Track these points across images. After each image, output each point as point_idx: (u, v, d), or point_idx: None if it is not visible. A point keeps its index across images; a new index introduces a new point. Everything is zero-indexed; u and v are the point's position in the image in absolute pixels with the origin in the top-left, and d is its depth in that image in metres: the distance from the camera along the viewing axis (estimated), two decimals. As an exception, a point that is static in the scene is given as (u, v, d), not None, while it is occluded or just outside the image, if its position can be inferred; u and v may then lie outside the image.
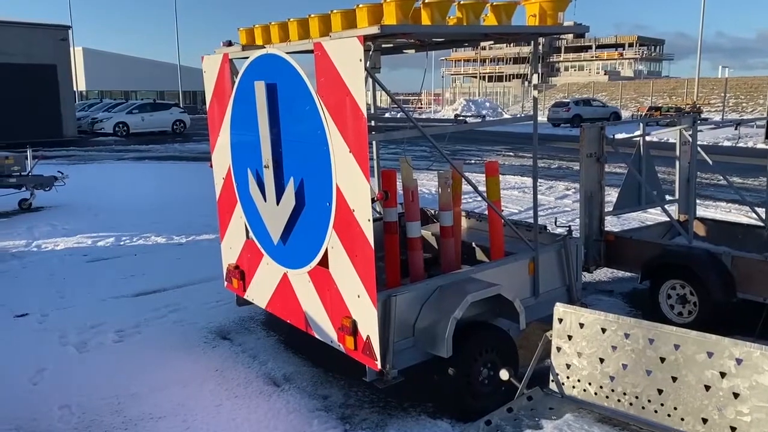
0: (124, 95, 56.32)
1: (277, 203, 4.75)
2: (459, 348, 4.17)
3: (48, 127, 29.05)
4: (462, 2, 4.33)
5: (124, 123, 32.26)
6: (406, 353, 4.24)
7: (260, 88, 4.64)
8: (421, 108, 59.40)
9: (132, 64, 61.57)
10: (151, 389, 4.79)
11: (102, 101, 42.04)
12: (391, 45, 5.57)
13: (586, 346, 3.21)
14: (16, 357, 5.38)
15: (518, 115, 45.69)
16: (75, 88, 34.76)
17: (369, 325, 4.06)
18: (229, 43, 5.28)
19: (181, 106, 40.57)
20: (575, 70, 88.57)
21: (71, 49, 33.40)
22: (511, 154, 22.33)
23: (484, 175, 5.35)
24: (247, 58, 4.90)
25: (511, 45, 65.84)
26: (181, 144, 27.74)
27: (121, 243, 9.47)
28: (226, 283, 5.85)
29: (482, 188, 5.18)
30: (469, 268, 4.87)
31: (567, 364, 3.27)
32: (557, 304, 3.35)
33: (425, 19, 4.20)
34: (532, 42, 5.21)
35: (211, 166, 5.77)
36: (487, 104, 52.28)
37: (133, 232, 10.00)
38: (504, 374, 3.32)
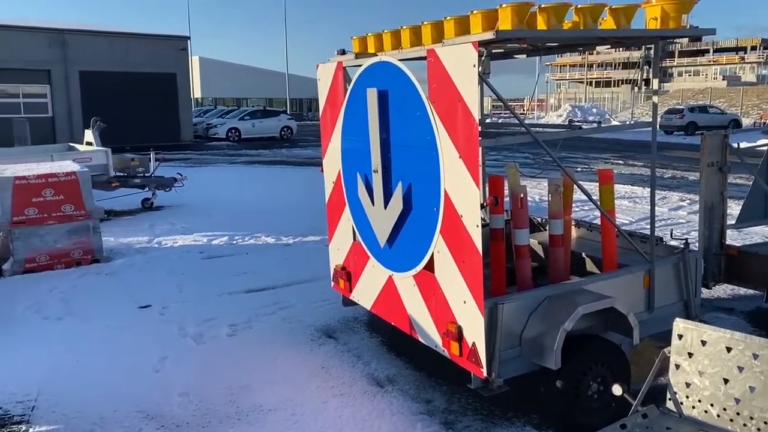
0: (236, 102, 59.17)
1: (385, 207, 4.83)
2: (568, 360, 4.06)
3: (167, 131, 31.13)
4: (579, 6, 4.24)
5: (236, 129, 33.94)
6: (512, 363, 4.18)
7: (372, 95, 4.75)
8: (524, 114, 58.27)
9: (244, 73, 64.58)
10: (261, 382, 5.01)
11: (216, 108, 44.40)
12: (502, 50, 5.53)
13: (708, 365, 3.03)
14: (140, 345, 5.79)
15: (627, 122, 43.78)
16: (192, 96, 36.95)
17: (475, 332, 4.04)
18: (343, 52, 5.45)
19: (289, 113, 42.17)
20: (690, 76, 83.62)
21: (189, 58, 35.55)
22: (620, 162, 21.43)
23: (593, 183, 5.19)
24: (360, 65, 5.03)
25: (621, 49, 63.22)
26: (288, 149, 28.79)
27: (234, 242, 9.97)
28: (332, 283, 6.02)
29: (594, 197, 5.02)
30: (580, 279, 4.74)
31: (686, 383, 3.11)
32: (677, 319, 3.20)
33: (541, 24, 4.14)
34: (651, 46, 4.99)
35: (322, 170, 5.96)
36: (594, 110, 50.50)
37: (244, 232, 10.50)
38: (617, 389, 3.20)
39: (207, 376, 5.14)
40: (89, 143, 13.54)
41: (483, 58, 4.02)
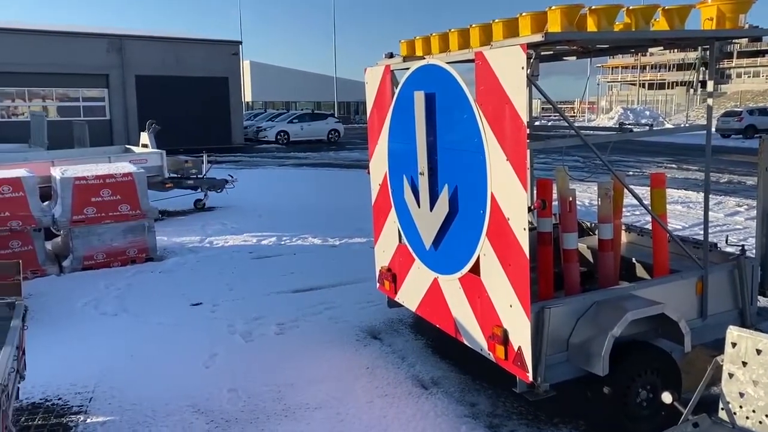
0: (285, 106, 60.04)
1: (431, 209, 4.86)
2: (616, 367, 4.00)
3: (219, 134, 31.87)
4: (631, 7, 4.17)
5: (285, 131, 34.49)
6: (559, 367, 4.14)
7: (419, 98, 4.78)
8: (574, 116, 57.25)
9: (293, 76, 65.48)
10: (308, 381, 5.09)
11: (266, 111, 45.17)
12: (551, 52, 5.48)
13: (763, 374, 2.95)
14: (192, 342, 5.96)
15: (682, 125, 42.54)
16: (243, 99, 37.72)
17: (521, 336, 4.02)
18: (391, 55, 5.49)
19: (336, 116, 42.58)
20: (749, 77, 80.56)
21: (241, 62, 36.30)
22: (673, 166, 20.85)
23: (644, 187, 5.08)
24: (408, 68, 5.07)
25: (675, 51, 61.43)
26: (335, 152, 29.07)
27: (282, 242, 10.14)
28: (378, 284, 6.07)
29: (645, 201, 4.92)
30: (629, 285, 4.66)
31: (740, 393, 3.03)
32: (731, 327, 3.12)
33: (591, 26, 4.10)
34: (708, 47, 4.87)
35: (368, 172, 6.02)
36: (647, 113, 49.23)
37: (292, 233, 10.67)
38: (666, 397, 3.14)
39: (255, 373, 5.25)
40: (145, 145, 13.98)
41: (532, 60, 4.01)
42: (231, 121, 33.42)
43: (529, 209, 4.22)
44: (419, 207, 5.01)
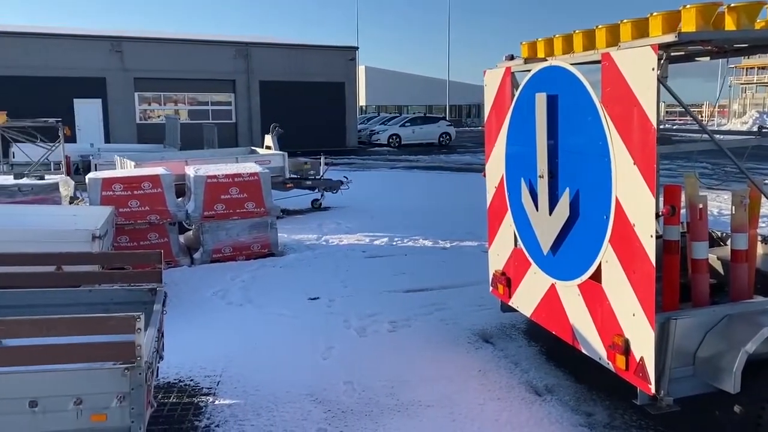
0: (398, 109, 60.83)
1: (550, 213, 4.79)
2: (748, 385, 3.76)
3: (334, 137, 32.92)
4: (776, 3, 3.91)
5: (397, 135, 34.98)
6: (684, 382, 3.94)
7: (541, 100, 4.73)
8: (704, 121, 53.61)
9: (405, 80, 66.16)
10: (420, 379, 5.18)
11: (379, 115, 46.02)
12: (682, 53, 5.23)
13: None
14: (310, 334, 6.24)
15: (829, 130, 38.60)
16: (357, 103, 38.67)
17: (644, 346, 3.88)
18: (511, 57, 5.47)
19: (448, 119, 42.60)
20: None
21: (357, 68, 37.24)
22: (817, 175, 19.04)
23: (788, 196, 4.72)
24: (529, 70, 5.03)
25: (824, 48, 55.81)
26: (446, 155, 29.12)
27: (393, 243, 10.33)
28: (491, 288, 6.05)
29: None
30: (765, 299, 4.35)
31: None
32: None
33: (729, 24, 3.89)
34: None
35: (484, 175, 6.02)
36: (787, 117, 45.24)
37: (403, 234, 10.84)
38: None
39: (369, 367, 5.42)
40: (268, 147, 14.74)
41: (662, 61, 3.87)
42: (346, 125, 34.45)
43: (657, 216, 4.06)
44: (537, 211, 4.96)
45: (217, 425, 4.49)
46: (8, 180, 8.70)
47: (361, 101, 60.23)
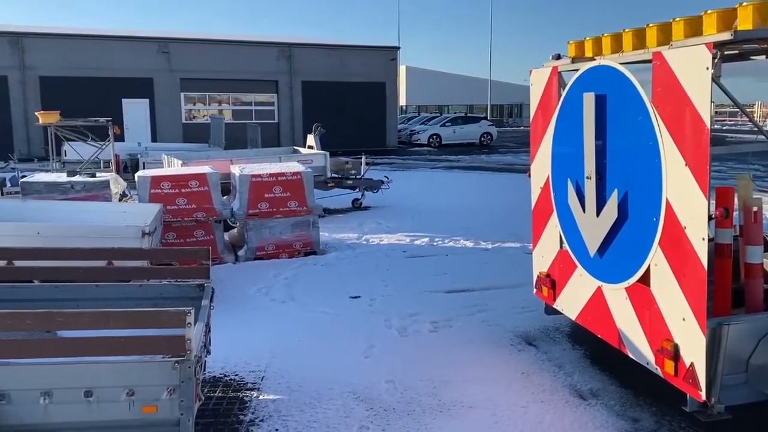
0: (438, 109, 60.64)
1: (597, 215, 4.72)
2: (806, 394, 3.64)
3: (374, 137, 33.02)
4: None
5: (437, 135, 34.89)
6: (736, 389, 3.85)
7: (589, 100, 4.67)
8: (762, 122, 51.97)
9: (446, 80, 65.93)
10: (462, 379, 5.16)
11: (419, 115, 45.97)
12: (736, 52, 5.08)
13: None
14: (351, 332, 6.28)
15: None
16: (398, 103, 38.72)
17: (694, 352, 3.79)
18: (558, 57, 5.41)
19: (489, 119, 42.28)
20: None
21: (398, 68, 37.28)
22: None
23: None
24: (577, 70, 4.97)
25: None
26: (487, 155, 28.90)
27: (434, 243, 10.31)
28: (535, 290, 5.99)
29: None
30: (824, 306, 4.20)
31: None
32: None
33: (788, 22, 3.76)
34: None
35: (529, 175, 5.97)
36: None
37: (444, 234, 10.80)
38: None
39: (411, 366, 5.42)
40: (311, 147, 14.89)
41: (716, 60, 3.77)
42: (386, 125, 34.51)
43: (709, 218, 3.96)
44: (584, 212, 4.89)
45: (262, 420, 4.56)
46: (61, 177, 9.01)
47: (402, 101, 60.28)
